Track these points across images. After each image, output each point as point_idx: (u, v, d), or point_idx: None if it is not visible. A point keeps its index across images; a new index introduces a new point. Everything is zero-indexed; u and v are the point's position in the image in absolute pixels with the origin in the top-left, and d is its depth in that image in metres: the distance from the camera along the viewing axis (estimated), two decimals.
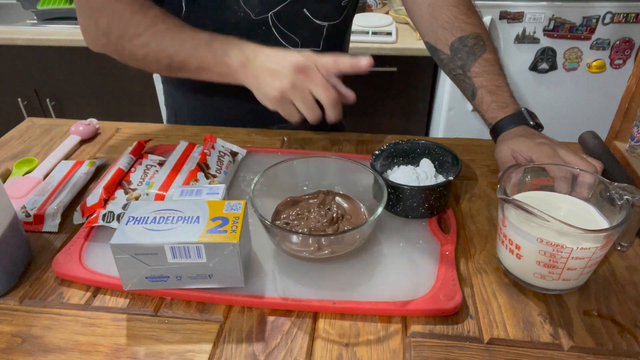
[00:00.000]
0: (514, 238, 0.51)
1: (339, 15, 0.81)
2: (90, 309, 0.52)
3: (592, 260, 0.49)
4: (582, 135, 0.77)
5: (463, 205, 0.66)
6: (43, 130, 0.85)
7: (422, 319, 0.50)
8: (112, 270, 0.51)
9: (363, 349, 0.47)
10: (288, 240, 0.54)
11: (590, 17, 1.59)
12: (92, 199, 0.62)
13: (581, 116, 1.78)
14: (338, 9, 0.80)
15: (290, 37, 0.79)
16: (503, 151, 0.66)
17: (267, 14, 0.76)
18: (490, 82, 0.70)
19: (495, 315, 0.50)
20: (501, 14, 1.60)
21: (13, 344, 0.48)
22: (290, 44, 0.80)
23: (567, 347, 0.47)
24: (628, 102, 0.73)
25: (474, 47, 0.71)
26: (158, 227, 0.49)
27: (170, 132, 0.84)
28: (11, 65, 1.85)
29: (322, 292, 0.52)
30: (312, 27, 0.80)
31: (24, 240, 0.57)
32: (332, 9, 0.80)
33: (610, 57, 1.66)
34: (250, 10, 0.75)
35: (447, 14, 0.73)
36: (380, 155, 0.66)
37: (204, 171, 0.65)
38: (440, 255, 0.56)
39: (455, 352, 0.47)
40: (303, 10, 0.77)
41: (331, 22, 0.81)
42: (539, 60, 1.67)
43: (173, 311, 0.51)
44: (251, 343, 0.48)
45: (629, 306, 0.51)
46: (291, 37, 0.79)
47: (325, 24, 0.80)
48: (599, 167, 0.60)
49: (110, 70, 1.85)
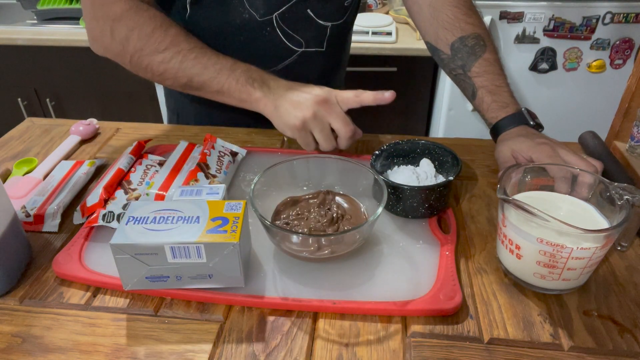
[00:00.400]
0: (514, 238, 0.51)
1: (342, 15, 0.81)
2: (90, 309, 0.52)
3: (592, 260, 0.49)
4: (582, 135, 0.77)
5: (463, 205, 0.66)
6: (43, 130, 0.85)
7: (422, 319, 0.50)
8: (112, 270, 0.51)
9: (363, 349, 0.47)
10: (288, 240, 0.54)
11: (590, 17, 1.59)
12: (92, 199, 0.62)
13: (581, 116, 1.78)
14: (341, 9, 0.81)
15: (295, 38, 0.79)
16: (503, 151, 0.66)
17: (272, 15, 0.76)
18: (491, 82, 0.70)
19: (495, 315, 0.50)
20: (501, 14, 1.60)
21: (13, 344, 0.48)
22: (294, 44, 0.80)
23: (567, 347, 0.47)
24: (628, 102, 0.73)
25: (475, 47, 0.72)
26: (158, 227, 0.49)
27: (170, 132, 0.84)
28: (11, 65, 1.85)
29: (322, 292, 0.52)
30: (315, 28, 0.80)
31: (24, 240, 0.57)
32: (336, 9, 0.80)
33: (610, 57, 1.66)
34: (255, 12, 0.75)
35: (448, 14, 0.73)
36: (380, 155, 0.66)
37: (204, 171, 0.65)
38: (440, 255, 0.56)
39: (455, 352, 0.47)
40: (307, 11, 0.77)
41: (334, 22, 0.81)
42: (539, 60, 1.67)
43: (173, 311, 0.51)
44: (251, 343, 0.48)
45: (629, 306, 0.51)
46: (295, 37, 0.79)
47: (328, 24, 0.80)
48: (599, 167, 0.60)
49: (110, 70, 1.85)
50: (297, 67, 0.82)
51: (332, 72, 0.90)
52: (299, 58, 0.82)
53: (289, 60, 0.82)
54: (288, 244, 0.54)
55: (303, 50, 0.81)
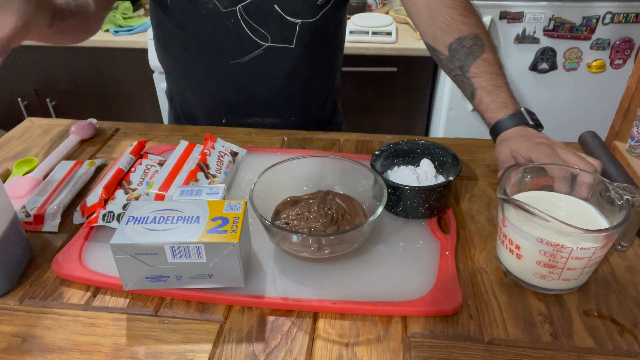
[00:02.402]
0: (514, 238, 0.51)
1: (313, 14, 0.81)
2: (90, 309, 0.52)
3: (592, 260, 0.49)
4: (582, 135, 0.77)
5: (463, 205, 0.66)
6: (43, 130, 0.85)
7: (422, 319, 0.50)
8: (112, 270, 0.51)
9: (363, 349, 0.47)
10: (288, 240, 0.54)
11: (590, 17, 1.59)
12: (92, 199, 0.62)
13: (581, 116, 1.78)
14: (312, 8, 0.80)
15: (260, 32, 0.80)
16: (503, 151, 0.66)
17: (236, 7, 0.77)
18: (489, 82, 0.70)
19: (495, 315, 0.50)
20: (501, 14, 1.60)
21: (13, 344, 0.48)
22: (259, 38, 0.80)
23: (567, 347, 0.47)
24: (628, 102, 0.73)
25: (472, 48, 0.71)
26: (158, 227, 0.49)
27: (170, 132, 0.84)
28: (11, 65, 1.85)
29: (322, 292, 0.52)
30: (283, 24, 0.80)
31: (24, 240, 0.57)
32: (306, 7, 0.79)
33: (610, 57, 1.66)
34: (219, 3, 0.76)
35: (445, 15, 0.73)
36: (380, 155, 0.66)
37: (204, 171, 0.65)
38: (440, 255, 0.56)
39: (455, 352, 0.47)
40: (274, 6, 0.77)
41: (305, 20, 0.80)
42: (539, 60, 1.67)
43: (173, 311, 0.51)
44: (251, 343, 0.48)
45: (629, 306, 0.51)
46: (260, 31, 0.79)
47: (298, 22, 0.80)
48: (598, 167, 0.60)
49: (110, 70, 1.86)
50: (264, 61, 0.83)
51: (308, 71, 0.88)
52: (265, 52, 0.82)
53: (255, 54, 0.82)
54: (288, 244, 0.54)
55: (269, 45, 0.81)
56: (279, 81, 0.86)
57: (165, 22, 0.84)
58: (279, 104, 0.90)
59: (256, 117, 0.91)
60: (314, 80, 0.91)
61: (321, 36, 0.86)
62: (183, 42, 0.83)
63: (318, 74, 0.92)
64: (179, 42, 0.84)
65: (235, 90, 0.87)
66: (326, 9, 0.81)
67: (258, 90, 0.87)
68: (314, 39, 0.84)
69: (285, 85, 0.87)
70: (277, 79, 0.86)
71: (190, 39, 0.82)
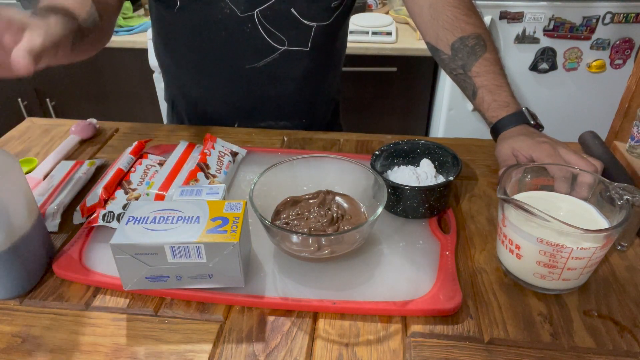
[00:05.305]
0: (514, 238, 0.51)
1: (328, 16, 0.81)
2: (90, 309, 0.52)
3: (592, 260, 0.49)
4: (582, 135, 0.77)
5: (463, 205, 0.66)
6: (43, 130, 0.85)
7: (422, 319, 0.50)
8: (112, 270, 0.51)
9: (363, 349, 0.47)
10: (288, 240, 0.54)
11: (590, 17, 1.59)
12: (92, 199, 0.62)
13: (581, 116, 1.77)
14: (327, 11, 0.80)
15: (276, 36, 0.80)
16: (503, 150, 0.66)
17: (253, 12, 0.76)
18: (491, 82, 0.71)
19: (495, 315, 0.50)
20: (501, 14, 1.60)
21: (13, 344, 0.48)
22: (276, 42, 0.80)
23: (567, 347, 0.47)
24: (628, 102, 0.73)
25: (475, 47, 0.72)
26: (158, 227, 0.49)
27: (170, 132, 0.84)
28: None
29: (322, 292, 0.52)
30: (300, 27, 0.80)
31: (47, 240, 0.57)
32: (322, 10, 0.80)
33: (610, 57, 1.66)
34: (236, 8, 0.76)
35: (448, 14, 0.73)
36: (380, 156, 0.66)
37: (204, 171, 0.65)
38: (440, 255, 0.56)
39: (455, 352, 0.47)
40: (291, 10, 0.77)
41: (320, 23, 0.81)
42: (539, 60, 1.67)
43: (173, 311, 0.51)
44: (251, 343, 0.48)
45: (629, 306, 0.51)
46: (277, 35, 0.79)
47: (314, 25, 0.80)
48: (599, 166, 0.60)
49: (110, 70, 1.86)
50: (280, 65, 0.83)
51: (320, 72, 0.89)
52: (281, 56, 0.82)
53: (271, 58, 0.82)
54: (288, 244, 0.54)
55: (285, 49, 0.81)
56: (292, 84, 0.86)
57: (172, 27, 0.83)
58: (292, 106, 0.90)
59: (269, 121, 0.90)
60: (324, 81, 0.92)
61: (332, 38, 0.87)
62: (194, 47, 0.82)
63: (327, 74, 0.92)
64: (189, 47, 0.83)
65: (249, 94, 0.87)
66: (339, 11, 0.82)
67: (272, 93, 0.87)
68: (326, 41, 0.85)
69: (298, 88, 0.87)
70: (291, 82, 0.86)
71: (203, 44, 0.81)
